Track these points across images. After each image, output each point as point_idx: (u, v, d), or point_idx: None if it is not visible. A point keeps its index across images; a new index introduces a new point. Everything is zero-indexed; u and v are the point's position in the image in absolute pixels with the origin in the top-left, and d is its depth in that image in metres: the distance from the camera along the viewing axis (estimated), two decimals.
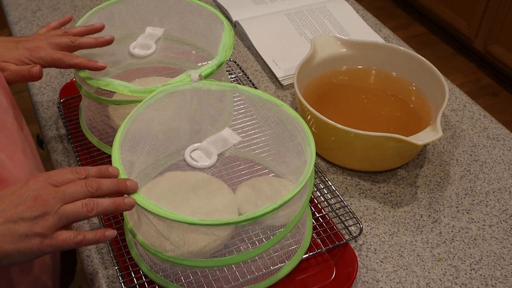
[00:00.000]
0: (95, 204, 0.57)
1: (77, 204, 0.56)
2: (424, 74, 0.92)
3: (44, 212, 0.55)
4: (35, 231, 0.54)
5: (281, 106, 0.71)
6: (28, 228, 0.54)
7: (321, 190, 0.81)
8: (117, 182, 0.60)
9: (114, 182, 0.59)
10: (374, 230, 0.78)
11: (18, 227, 0.54)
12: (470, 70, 2.47)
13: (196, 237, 0.64)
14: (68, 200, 0.56)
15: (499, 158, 0.89)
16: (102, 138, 0.84)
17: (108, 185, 0.59)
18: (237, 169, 0.72)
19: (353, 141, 0.81)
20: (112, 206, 0.58)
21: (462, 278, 0.73)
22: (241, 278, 0.67)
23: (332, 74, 0.97)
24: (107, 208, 0.58)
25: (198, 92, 0.73)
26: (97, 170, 0.61)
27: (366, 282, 0.72)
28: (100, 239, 0.58)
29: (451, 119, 0.96)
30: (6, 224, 0.54)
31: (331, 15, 1.18)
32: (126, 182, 0.60)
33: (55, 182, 0.57)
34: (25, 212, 0.54)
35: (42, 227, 0.54)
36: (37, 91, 0.97)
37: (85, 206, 0.56)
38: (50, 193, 0.55)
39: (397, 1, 2.86)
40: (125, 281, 0.68)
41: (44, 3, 1.20)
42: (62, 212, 0.55)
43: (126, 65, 0.85)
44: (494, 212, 0.81)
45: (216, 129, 0.72)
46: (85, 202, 0.56)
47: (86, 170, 0.60)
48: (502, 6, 2.18)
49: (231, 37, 0.82)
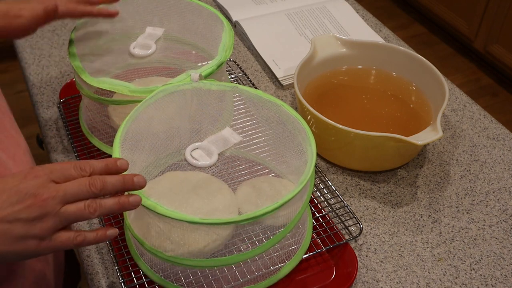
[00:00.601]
0: (98, 206, 0.54)
1: (79, 205, 0.53)
2: (424, 74, 0.92)
3: (43, 213, 0.51)
4: (32, 233, 0.51)
5: (281, 106, 0.72)
6: (25, 230, 0.51)
7: (321, 190, 0.81)
8: (123, 180, 0.56)
9: (120, 180, 0.55)
10: (374, 230, 0.78)
11: (14, 228, 0.51)
12: (470, 70, 2.47)
13: (196, 237, 0.64)
14: (69, 201, 0.53)
15: (499, 158, 0.89)
16: (102, 138, 0.84)
17: (114, 184, 0.55)
18: (237, 169, 0.73)
19: (353, 141, 0.81)
20: (117, 206, 0.55)
21: (462, 278, 0.73)
22: (241, 278, 0.67)
23: (332, 74, 0.97)
24: (111, 208, 0.55)
25: (198, 92, 0.73)
26: (104, 166, 0.56)
27: (366, 282, 0.72)
28: (101, 238, 0.55)
29: (451, 119, 0.96)
30: (2, 224, 0.51)
31: (331, 15, 1.18)
32: (133, 178, 0.56)
33: (56, 178, 0.53)
34: (22, 212, 0.51)
35: (40, 229, 0.51)
36: (37, 91, 0.98)
37: (88, 208, 0.53)
38: (51, 193, 0.52)
39: (397, 1, 2.86)
40: (125, 281, 0.68)
41: None
42: (62, 214, 0.52)
43: (126, 65, 0.85)
44: (494, 212, 0.81)
45: (217, 128, 0.72)
46: (88, 204, 0.53)
47: (91, 166, 0.55)
48: (502, 6, 2.18)
49: (231, 37, 0.82)
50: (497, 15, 2.21)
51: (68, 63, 1.04)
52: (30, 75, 1.01)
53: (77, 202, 0.53)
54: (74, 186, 0.53)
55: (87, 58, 0.81)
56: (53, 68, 1.03)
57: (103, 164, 0.56)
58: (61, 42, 1.09)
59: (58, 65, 1.03)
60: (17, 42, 1.09)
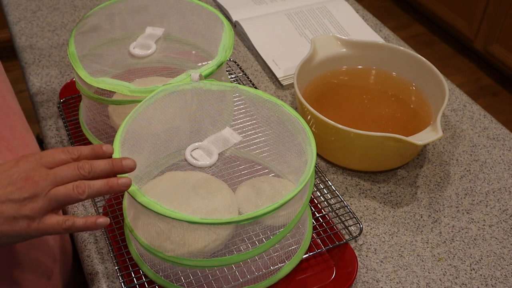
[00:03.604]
0: (87, 186, 0.54)
1: (68, 186, 0.54)
2: (424, 74, 0.92)
3: (34, 194, 0.53)
4: (23, 213, 0.52)
5: (281, 106, 0.72)
6: (16, 210, 0.52)
7: (321, 190, 0.81)
8: (112, 162, 0.57)
9: (109, 162, 0.57)
10: (374, 230, 0.78)
11: (6, 208, 0.52)
12: (470, 70, 2.47)
13: (196, 237, 0.64)
14: (59, 183, 0.54)
15: (499, 158, 0.89)
16: (102, 138, 0.84)
17: (102, 167, 0.56)
18: (237, 169, 0.72)
19: (353, 141, 0.81)
20: (105, 188, 0.55)
21: (462, 278, 0.73)
22: (241, 278, 0.67)
23: (332, 74, 0.97)
24: (100, 189, 0.55)
25: (198, 92, 0.73)
26: (90, 149, 0.58)
27: (366, 282, 0.72)
28: (90, 226, 0.56)
29: (451, 119, 0.96)
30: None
31: (331, 15, 1.18)
32: (122, 161, 0.57)
33: (46, 163, 0.55)
34: (14, 193, 0.52)
35: (31, 209, 0.53)
36: (37, 91, 0.97)
37: (76, 189, 0.54)
38: (41, 175, 0.54)
39: (397, 1, 2.86)
40: (125, 281, 0.68)
41: (44, 3, 1.20)
42: (52, 195, 0.54)
43: (126, 65, 0.85)
44: (494, 212, 0.81)
45: (217, 128, 0.72)
46: (76, 185, 0.54)
47: (78, 150, 0.57)
48: (502, 6, 2.18)
49: (231, 37, 0.82)
50: (497, 15, 2.21)
51: (68, 63, 1.04)
52: (30, 75, 1.01)
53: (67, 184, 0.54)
54: (64, 169, 0.55)
55: (87, 58, 0.81)
56: (53, 68, 1.03)
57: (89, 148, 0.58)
58: (61, 42, 1.09)
59: (58, 65, 1.03)
60: (17, 42, 1.09)
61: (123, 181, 0.57)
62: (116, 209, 0.76)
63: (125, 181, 0.57)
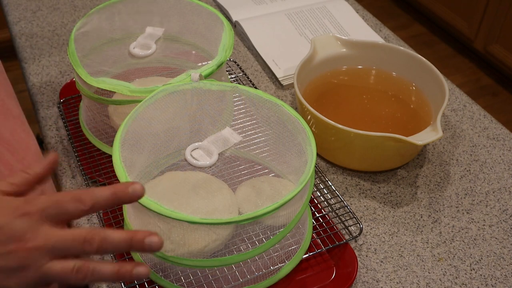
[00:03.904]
0: (90, 272, 0.45)
1: (67, 266, 0.45)
2: (424, 74, 0.92)
3: (24, 265, 0.44)
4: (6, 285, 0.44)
5: (281, 106, 0.72)
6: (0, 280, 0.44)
7: (321, 190, 0.81)
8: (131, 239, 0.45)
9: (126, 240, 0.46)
10: (374, 230, 0.78)
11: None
12: (470, 70, 2.47)
13: (196, 237, 0.64)
14: (57, 255, 0.45)
15: (499, 158, 0.89)
16: (102, 138, 0.84)
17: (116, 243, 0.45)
18: (237, 169, 0.73)
19: (353, 141, 0.81)
20: (114, 278, 0.46)
21: (462, 278, 0.73)
22: (241, 278, 0.67)
23: (332, 74, 0.97)
24: (106, 278, 0.46)
25: (198, 92, 0.73)
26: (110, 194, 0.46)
27: (366, 282, 0.72)
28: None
29: (451, 119, 0.96)
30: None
31: (331, 15, 1.18)
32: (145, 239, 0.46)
33: (50, 216, 0.45)
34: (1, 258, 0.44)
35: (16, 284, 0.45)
36: (37, 91, 0.98)
37: (76, 273, 0.45)
38: (38, 241, 0.44)
39: (397, 1, 2.86)
40: (125, 281, 0.68)
41: (44, 3, 1.20)
42: (44, 272, 0.45)
43: (126, 65, 0.85)
44: (494, 212, 0.81)
45: (217, 128, 0.72)
46: (78, 267, 0.45)
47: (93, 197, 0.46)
48: (502, 6, 2.18)
49: (231, 37, 0.82)
50: (497, 15, 2.21)
51: (68, 63, 1.04)
52: (30, 75, 1.01)
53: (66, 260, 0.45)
54: (67, 239, 0.45)
55: (87, 58, 0.81)
56: (53, 68, 1.03)
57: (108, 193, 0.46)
58: (61, 42, 1.09)
59: (58, 65, 1.03)
60: (17, 42, 1.09)
61: (139, 270, 0.46)
62: (116, 209, 0.76)
63: (141, 271, 0.46)
